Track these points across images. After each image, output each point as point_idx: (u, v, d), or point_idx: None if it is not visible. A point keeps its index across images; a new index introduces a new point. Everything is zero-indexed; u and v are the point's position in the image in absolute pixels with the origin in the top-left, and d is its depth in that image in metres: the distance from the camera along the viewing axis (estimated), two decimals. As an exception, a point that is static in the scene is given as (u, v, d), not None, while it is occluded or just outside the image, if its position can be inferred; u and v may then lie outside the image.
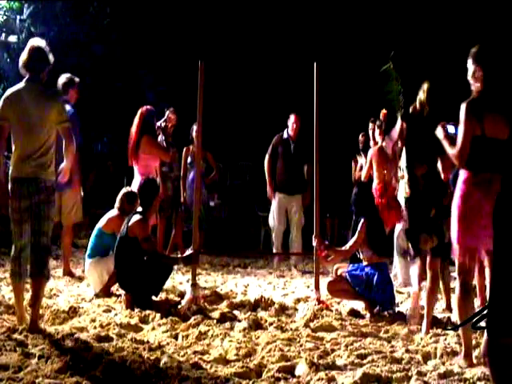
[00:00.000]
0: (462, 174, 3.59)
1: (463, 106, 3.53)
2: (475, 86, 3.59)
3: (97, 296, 5.38)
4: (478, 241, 3.49)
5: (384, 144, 6.89)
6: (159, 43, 12.80)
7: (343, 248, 5.36)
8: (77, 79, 6.73)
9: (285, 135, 8.07)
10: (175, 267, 6.56)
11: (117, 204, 5.80)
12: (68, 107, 6.69)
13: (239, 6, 13.62)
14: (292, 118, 8.10)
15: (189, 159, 8.13)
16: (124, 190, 5.93)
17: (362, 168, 7.63)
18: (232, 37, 13.62)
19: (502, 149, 3.48)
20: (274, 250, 8.16)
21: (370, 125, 7.69)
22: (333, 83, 11.63)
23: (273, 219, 8.12)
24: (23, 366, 3.24)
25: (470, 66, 3.62)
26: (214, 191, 11.44)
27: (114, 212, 5.77)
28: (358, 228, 5.16)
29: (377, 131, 7.26)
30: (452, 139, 3.61)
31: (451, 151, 3.60)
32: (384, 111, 7.31)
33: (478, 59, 3.58)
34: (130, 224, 5.10)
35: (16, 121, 4.11)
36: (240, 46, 13.53)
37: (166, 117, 7.62)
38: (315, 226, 5.45)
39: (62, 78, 6.63)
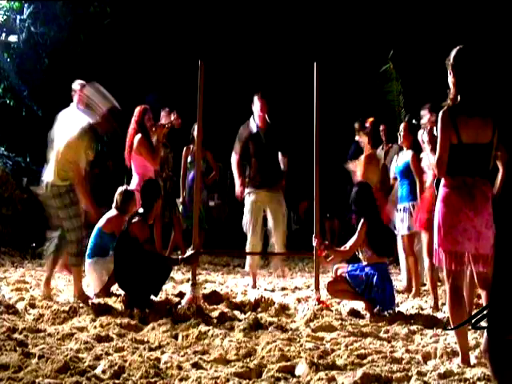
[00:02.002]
0: (443, 178, 3.60)
1: (439, 116, 3.53)
2: (450, 93, 3.59)
3: (97, 296, 5.38)
4: (459, 245, 3.48)
5: (378, 151, 7.00)
6: (159, 43, 12.80)
7: (343, 248, 5.36)
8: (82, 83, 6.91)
9: (253, 129, 6.58)
10: (175, 267, 6.56)
11: (114, 203, 5.81)
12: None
13: (239, 6, 13.62)
14: (258, 103, 6.54)
15: (189, 159, 8.12)
16: (120, 189, 5.90)
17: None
18: (232, 37, 13.62)
19: (482, 153, 3.49)
20: (247, 269, 6.73)
21: (356, 125, 7.74)
22: (333, 84, 11.63)
23: (248, 223, 6.52)
24: (23, 365, 3.23)
25: (448, 72, 3.62)
26: (214, 191, 11.43)
27: (112, 212, 5.78)
28: (358, 228, 5.17)
29: (365, 139, 7.35)
30: (434, 145, 3.60)
31: (431, 158, 3.60)
32: (371, 119, 7.39)
33: (451, 65, 3.57)
34: (130, 224, 5.11)
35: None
36: (240, 46, 13.53)
37: (171, 118, 7.43)
38: (315, 226, 5.45)
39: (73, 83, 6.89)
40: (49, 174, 5.28)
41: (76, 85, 6.57)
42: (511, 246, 2.13)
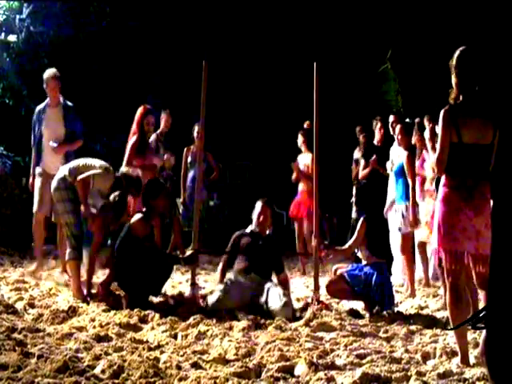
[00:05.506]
0: (443, 178, 3.61)
1: (440, 114, 3.53)
2: (452, 93, 3.59)
3: (95, 297, 5.34)
4: (458, 244, 3.48)
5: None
6: (159, 43, 12.79)
7: (343, 247, 5.36)
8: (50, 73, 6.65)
9: (254, 228, 5.47)
10: (174, 267, 6.53)
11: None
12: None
13: (240, 7, 13.62)
14: (258, 206, 5.44)
15: (189, 159, 8.12)
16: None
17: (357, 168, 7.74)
18: (232, 37, 13.61)
19: (482, 154, 3.49)
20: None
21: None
22: (331, 84, 11.63)
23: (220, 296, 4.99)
24: (22, 365, 3.22)
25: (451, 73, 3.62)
26: (213, 191, 11.43)
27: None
28: (358, 226, 5.17)
29: (301, 138, 7.71)
30: (435, 143, 3.61)
31: (432, 156, 3.61)
32: (307, 122, 7.67)
33: (453, 65, 3.58)
34: (131, 223, 5.09)
35: None
36: (240, 46, 13.53)
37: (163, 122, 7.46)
38: (315, 225, 5.45)
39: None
40: (66, 168, 5.53)
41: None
42: (508, 245, 2.13)
